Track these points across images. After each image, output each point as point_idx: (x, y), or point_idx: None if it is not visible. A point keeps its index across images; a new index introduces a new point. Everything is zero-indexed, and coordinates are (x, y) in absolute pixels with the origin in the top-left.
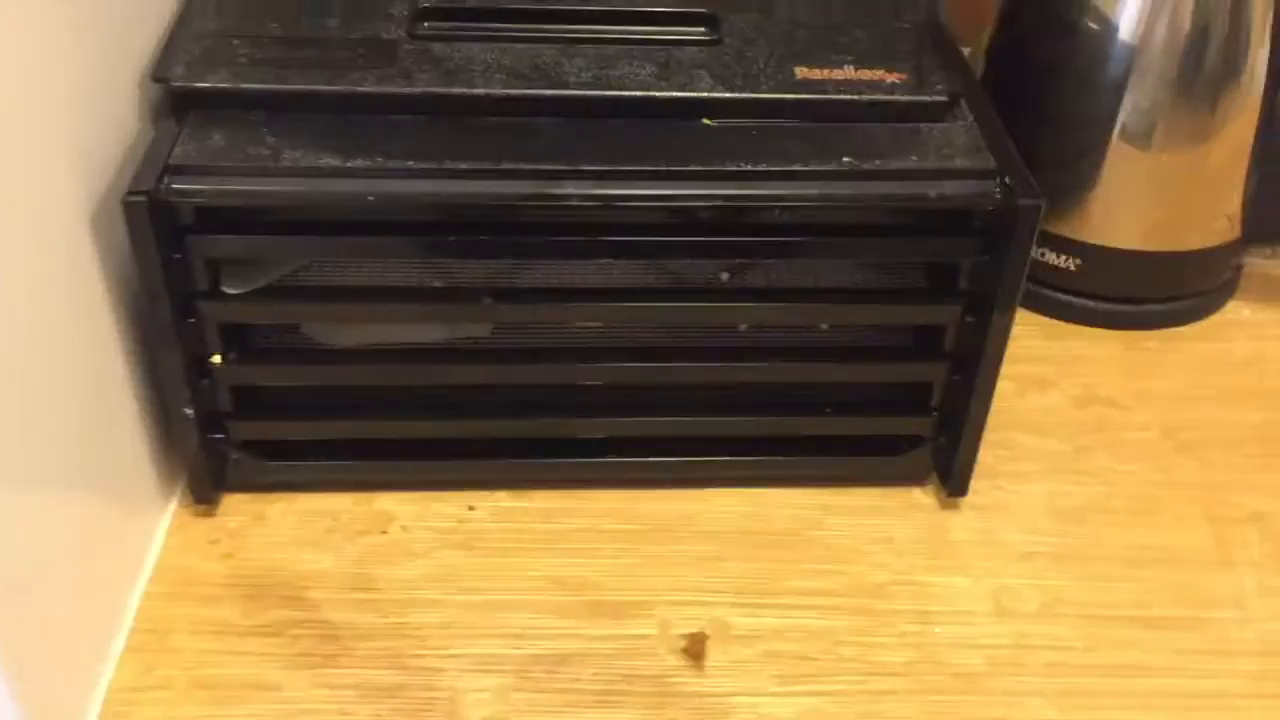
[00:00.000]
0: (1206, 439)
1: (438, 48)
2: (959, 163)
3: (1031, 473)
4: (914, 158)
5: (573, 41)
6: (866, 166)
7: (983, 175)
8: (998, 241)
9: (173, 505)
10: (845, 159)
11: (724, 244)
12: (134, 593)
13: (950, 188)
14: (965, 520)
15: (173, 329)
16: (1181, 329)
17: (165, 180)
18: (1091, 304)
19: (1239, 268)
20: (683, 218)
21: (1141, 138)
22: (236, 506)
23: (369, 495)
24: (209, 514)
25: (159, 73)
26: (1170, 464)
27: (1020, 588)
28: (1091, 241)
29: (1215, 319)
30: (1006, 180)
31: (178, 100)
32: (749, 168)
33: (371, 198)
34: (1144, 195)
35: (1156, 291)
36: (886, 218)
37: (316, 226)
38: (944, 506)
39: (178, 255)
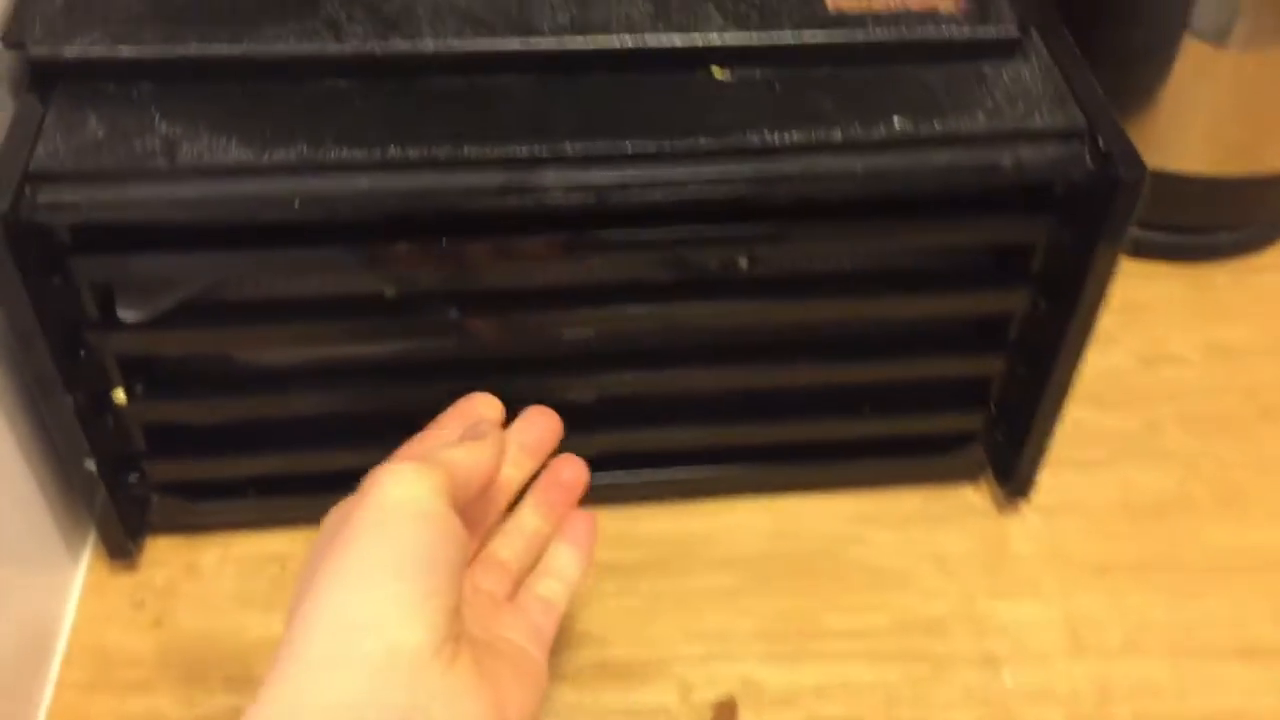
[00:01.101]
0: None
1: None
2: (1038, 120)
3: (1099, 460)
4: (981, 115)
5: None
6: (923, 131)
7: (1068, 136)
8: (1085, 217)
9: (85, 560)
10: (895, 120)
11: (742, 232)
12: (45, 682)
13: (1029, 154)
14: (1028, 526)
15: (55, 371)
16: (1251, 259)
17: (27, 192)
18: (1152, 235)
19: None
20: (693, 206)
21: (1218, 34)
22: (162, 555)
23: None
24: (129, 568)
25: (12, 36)
26: (1257, 436)
27: (1099, 613)
28: (1156, 165)
29: None
30: (1100, 143)
31: (38, 72)
32: (774, 139)
33: (297, 202)
34: (1220, 106)
35: (1228, 220)
36: (946, 191)
37: (229, 237)
38: (1001, 510)
39: (57, 279)
